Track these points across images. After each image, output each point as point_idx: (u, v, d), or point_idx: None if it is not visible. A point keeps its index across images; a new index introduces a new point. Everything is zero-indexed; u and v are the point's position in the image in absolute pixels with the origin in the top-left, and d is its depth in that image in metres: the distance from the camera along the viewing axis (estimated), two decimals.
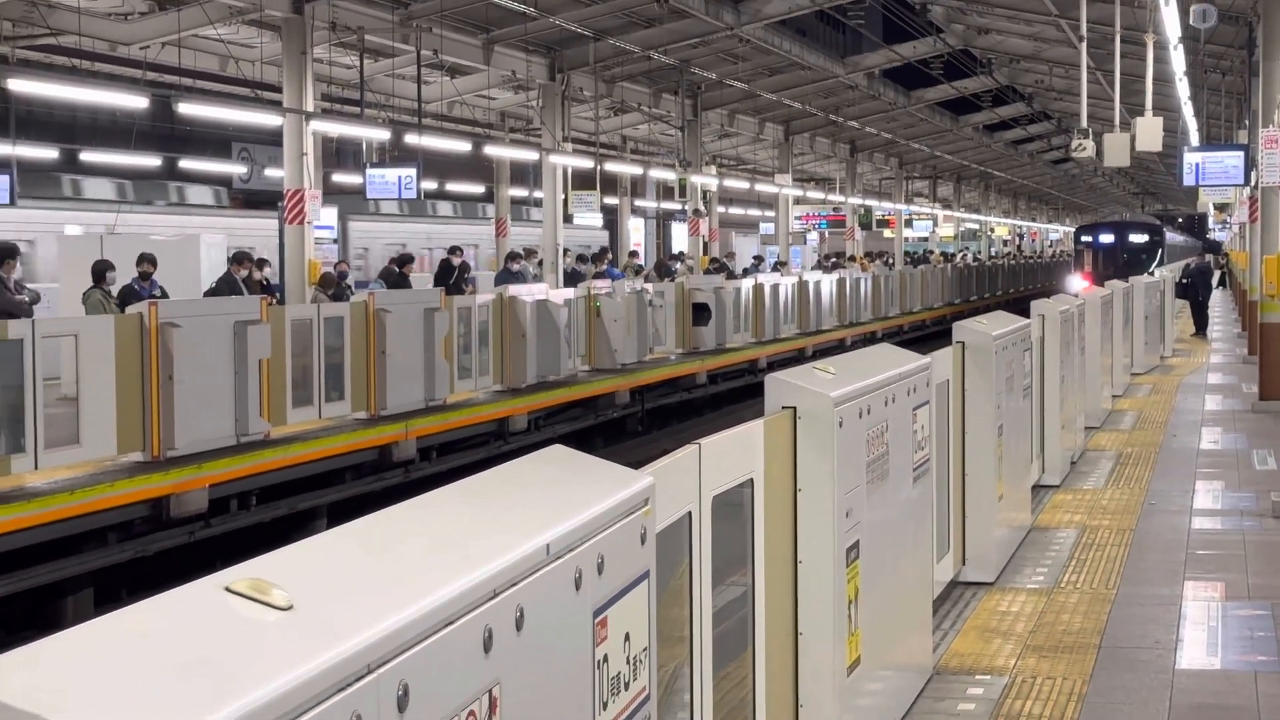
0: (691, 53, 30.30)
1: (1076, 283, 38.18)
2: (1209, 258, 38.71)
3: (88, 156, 33.16)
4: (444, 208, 39.57)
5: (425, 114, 26.82)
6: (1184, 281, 32.09)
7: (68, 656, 1.94)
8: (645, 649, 3.44)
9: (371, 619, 2.22)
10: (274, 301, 16.47)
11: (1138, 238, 51.41)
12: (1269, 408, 16.98)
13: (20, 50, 22.55)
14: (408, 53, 25.19)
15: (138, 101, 19.28)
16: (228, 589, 2.20)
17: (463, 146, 28.02)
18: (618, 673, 3.26)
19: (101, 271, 15.66)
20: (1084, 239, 52.66)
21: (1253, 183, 21.30)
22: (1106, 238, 51.43)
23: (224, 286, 17.37)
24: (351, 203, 32.07)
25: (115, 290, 15.79)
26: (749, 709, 4.70)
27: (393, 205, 35.69)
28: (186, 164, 37.89)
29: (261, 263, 19.36)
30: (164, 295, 15.59)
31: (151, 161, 36.03)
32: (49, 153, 31.90)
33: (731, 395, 24.07)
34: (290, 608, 2.18)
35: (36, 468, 10.70)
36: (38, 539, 10.40)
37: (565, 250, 29.12)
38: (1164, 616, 8.00)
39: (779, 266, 35.94)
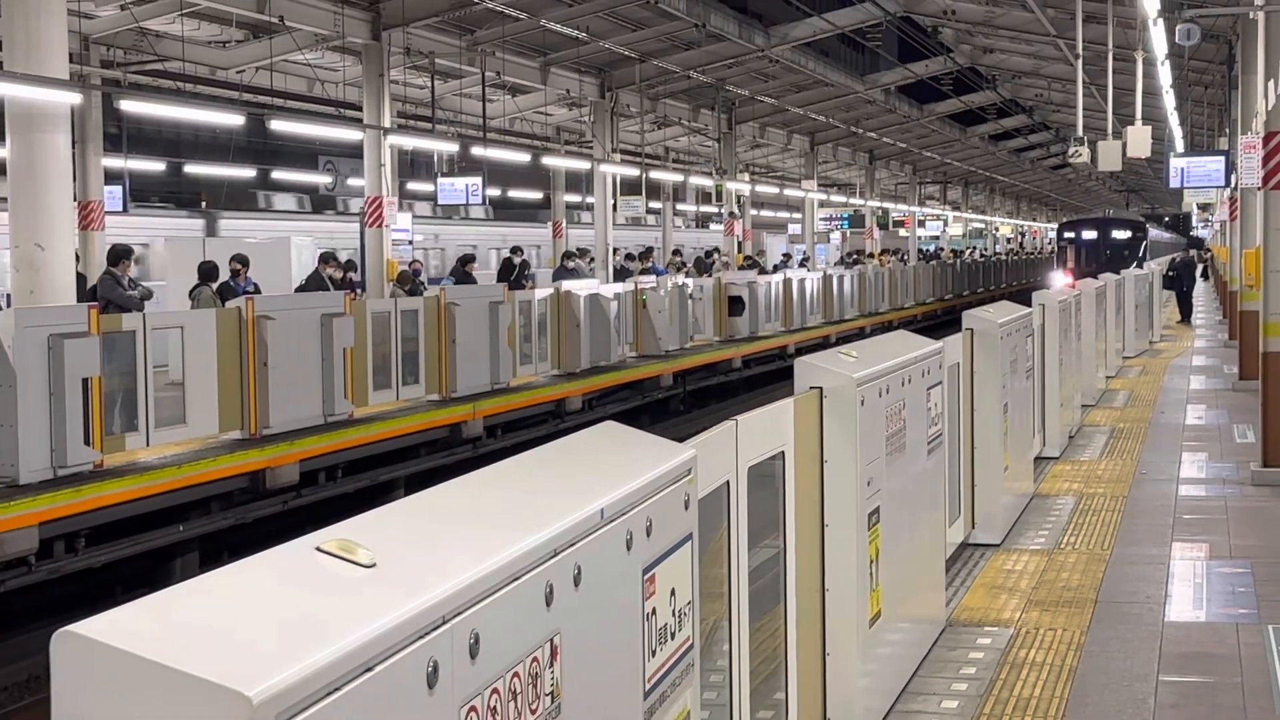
0: (726, 72, 30.23)
1: (1059, 280, 35.53)
2: (1193, 253, 38.28)
3: (191, 169, 33.32)
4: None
5: (489, 128, 26.83)
6: (1170, 274, 31.82)
7: (182, 608, 1.95)
8: (689, 603, 3.44)
9: (446, 575, 2.22)
10: (356, 297, 16.52)
11: (1120, 234, 45.58)
12: (1248, 386, 16.78)
13: (131, 75, 22.72)
14: (473, 74, 25.20)
15: (235, 119, 19.34)
16: (318, 549, 2.21)
17: (523, 158, 28.02)
18: (664, 624, 3.26)
19: (208, 271, 15.73)
20: (1066, 235, 46.42)
21: (1233, 185, 21.10)
22: (1089, 234, 45.58)
23: (312, 283, 17.41)
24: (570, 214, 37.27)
25: (215, 287, 15.83)
26: (781, 657, 4.70)
27: (585, 215, 41.44)
28: (278, 175, 38.04)
29: (349, 264, 19.38)
30: (259, 291, 15.64)
31: (247, 172, 36.19)
32: (157, 165, 32.06)
33: (764, 378, 23.99)
34: (374, 565, 2.18)
35: (148, 445, 10.79)
36: (150, 508, 10.48)
37: (615, 249, 29.12)
38: (1154, 574, 7.95)
39: (805, 262, 35.82)
